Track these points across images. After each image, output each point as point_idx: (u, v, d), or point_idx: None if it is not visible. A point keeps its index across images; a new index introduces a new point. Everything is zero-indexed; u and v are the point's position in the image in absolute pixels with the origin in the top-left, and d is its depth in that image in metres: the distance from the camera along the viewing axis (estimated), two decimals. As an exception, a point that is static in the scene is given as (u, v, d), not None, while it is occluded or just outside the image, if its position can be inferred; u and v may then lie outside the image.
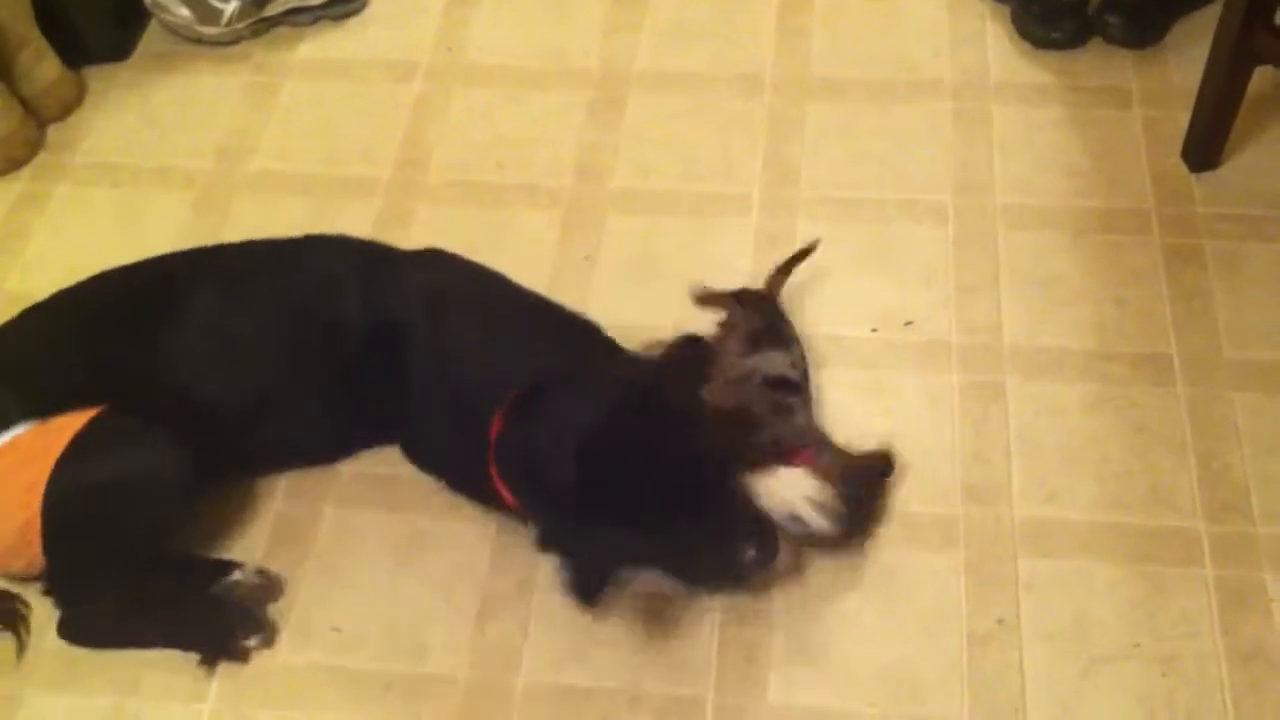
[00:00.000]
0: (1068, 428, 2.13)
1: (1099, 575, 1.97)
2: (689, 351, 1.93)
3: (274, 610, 2.01)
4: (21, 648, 1.99)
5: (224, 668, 1.96)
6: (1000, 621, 1.93)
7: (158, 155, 2.64)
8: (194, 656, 1.96)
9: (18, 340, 2.04)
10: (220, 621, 1.98)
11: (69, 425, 1.89)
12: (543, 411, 1.86)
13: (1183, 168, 2.44)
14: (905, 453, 2.10)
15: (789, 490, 1.91)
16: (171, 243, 2.41)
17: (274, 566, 2.04)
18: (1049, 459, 2.10)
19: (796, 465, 1.93)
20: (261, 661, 1.97)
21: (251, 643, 1.96)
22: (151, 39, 2.87)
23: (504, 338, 2.05)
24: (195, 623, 1.99)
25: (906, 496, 2.07)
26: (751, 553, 1.82)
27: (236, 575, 2.01)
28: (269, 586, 2.02)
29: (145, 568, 1.95)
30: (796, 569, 1.99)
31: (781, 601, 1.97)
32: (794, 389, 2.08)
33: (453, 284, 2.12)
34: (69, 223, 2.54)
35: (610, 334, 2.16)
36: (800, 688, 1.89)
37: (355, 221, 2.47)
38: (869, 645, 1.92)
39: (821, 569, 1.99)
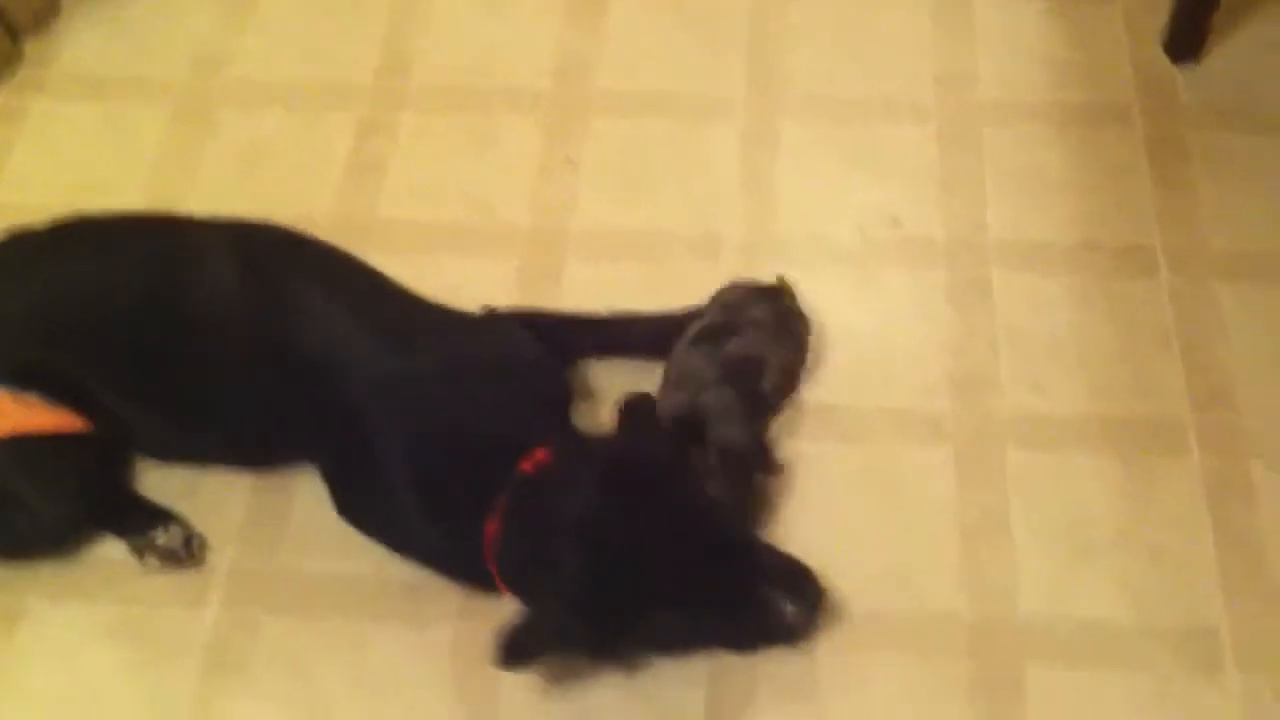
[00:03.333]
0: (1053, 321, 2.15)
1: (1087, 466, 2.00)
2: (640, 411, 1.87)
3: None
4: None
5: (227, 572, 1.99)
6: (991, 513, 1.96)
7: (135, 67, 2.61)
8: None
9: None
10: None
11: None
12: (537, 515, 1.78)
13: (1165, 60, 2.44)
14: (894, 349, 2.13)
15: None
16: (153, 156, 2.44)
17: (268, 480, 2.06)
18: (1035, 352, 2.12)
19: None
20: (262, 567, 1.99)
21: None
22: (123, -53, 2.83)
23: (481, 412, 1.93)
24: None
25: (895, 392, 2.09)
26: (789, 607, 1.78)
27: (160, 534, 2.00)
28: (184, 559, 2.00)
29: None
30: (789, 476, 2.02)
31: (776, 502, 1.99)
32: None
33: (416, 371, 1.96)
34: (50, 137, 2.52)
35: (596, 246, 2.23)
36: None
37: (338, 132, 2.46)
38: (862, 540, 1.96)
39: (811, 469, 2.02)
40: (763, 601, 1.79)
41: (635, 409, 1.87)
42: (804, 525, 1.97)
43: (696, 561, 1.74)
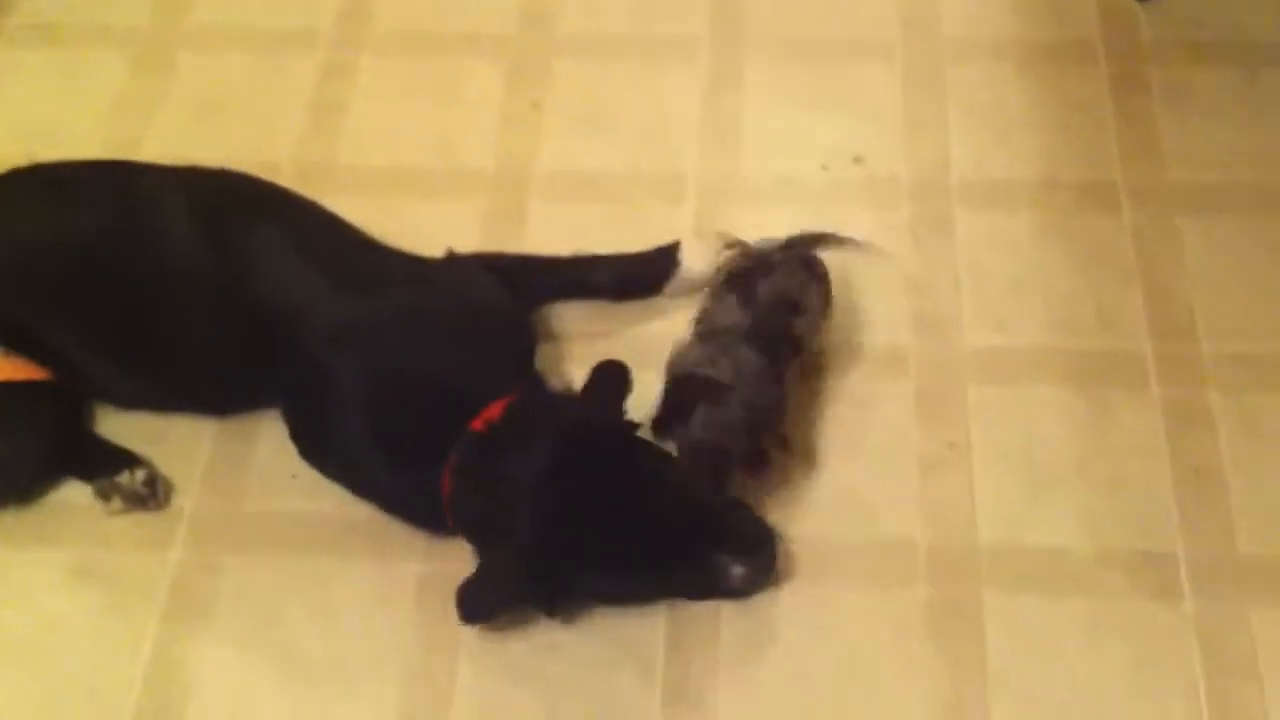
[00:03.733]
0: (1015, 257, 2.16)
1: (1047, 399, 2.01)
2: (611, 377, 1.88)
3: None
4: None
5: (191, 515, 1.98)
6: (951, 446, 1.96)
7: (96, 13, 2.59)
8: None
9: None
10: None
11: None
12: (487, 476, 1.78)
13: (1128, -5, 2.45)
14: (857, 286, 2.12)
15: None
16: (113, 103, 2.43)
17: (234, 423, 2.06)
18: (998, 288, 2.12)
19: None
20: (226, 509, 1.99)
21: None
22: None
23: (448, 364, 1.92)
24: None
25: (858, 328, 2.09)
26: (739, 569, 1.80)
27: (124, 476, 1.99)
28: (149, 500, 1.99)
29: None
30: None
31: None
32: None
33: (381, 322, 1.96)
34: (9, 85, 2.50)
35: (560, 188, 2.24)
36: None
37: (300, 76, 2.45)
38: (824, 471, 1.96)
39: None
40: (711, 564, 1.80)
41: (607, 375, 1.86)
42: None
43: (645, 525, 1.75)
